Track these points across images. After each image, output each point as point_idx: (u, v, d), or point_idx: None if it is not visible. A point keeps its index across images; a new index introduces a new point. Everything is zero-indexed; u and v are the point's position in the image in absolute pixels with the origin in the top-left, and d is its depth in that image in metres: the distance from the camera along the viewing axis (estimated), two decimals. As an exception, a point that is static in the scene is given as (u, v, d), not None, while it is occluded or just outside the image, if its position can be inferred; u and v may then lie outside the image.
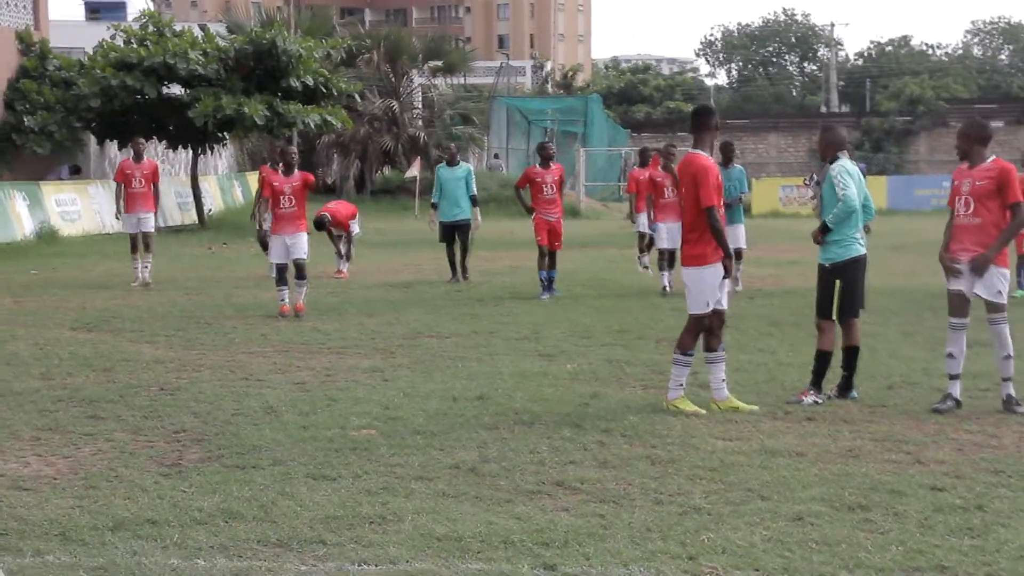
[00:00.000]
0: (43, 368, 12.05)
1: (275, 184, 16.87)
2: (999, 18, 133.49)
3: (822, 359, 10.52)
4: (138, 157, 21.17)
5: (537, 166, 19.69)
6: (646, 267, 22.35)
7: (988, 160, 10.27)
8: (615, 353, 13.29)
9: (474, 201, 21.49)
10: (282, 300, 16.61)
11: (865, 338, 14.08)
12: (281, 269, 16.81)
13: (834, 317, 10.56)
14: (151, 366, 12.27)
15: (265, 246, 22.02)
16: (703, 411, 9.91)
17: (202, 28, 36.74)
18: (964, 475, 7.95)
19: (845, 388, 10.62)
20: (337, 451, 8.63)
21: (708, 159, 10.14)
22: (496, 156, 58.56)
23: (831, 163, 10.66)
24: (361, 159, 48.91)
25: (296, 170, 17.00)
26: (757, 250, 25.44)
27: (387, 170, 51.07)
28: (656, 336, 14.55)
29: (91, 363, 12.35)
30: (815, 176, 10.99)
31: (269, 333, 14.79)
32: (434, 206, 21.50)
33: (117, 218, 21.66)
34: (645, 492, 7.59)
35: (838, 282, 10.51)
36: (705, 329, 10.18)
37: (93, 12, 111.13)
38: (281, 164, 17.26)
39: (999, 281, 10.15)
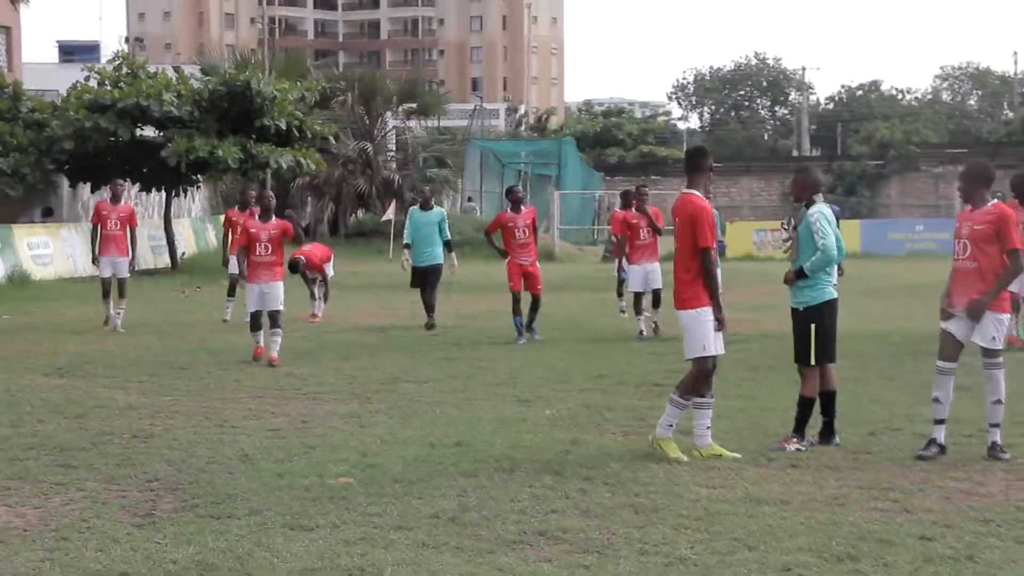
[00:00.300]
0: (13, 415, 11.83)
1: (252, 230, 16.40)
2: (967, 63, 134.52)
3: (805, 406, 10.40)
4: (115, 199, 20.79)
5: (508, 211, 19.50)
6: (623, 311, 22.22)
7: (989, 204, 10.13)
8: (594, 399, 13.15)
9: (448, 246, 21.22)
10: (257, 342, 16.36)
11: (845, 383, 14.04)
12: (256, 316, 16.43)
13: (812, 362, 10.43)
14: (124, 413, 12.07)
15: (233, 289, 21.93)
16: (685, 458, 9.76)
17: (176, 70, 36.59)
18: (953, 524, 7.83)
19: (828, 434, 10.50)
20: (314, 500, 8.46)
21: (704, 200, 10.02)
22: (470, 199, 58.54)
23: (807, 206, 10.50)
24: (335, 201, 48.81)
25: (273, 216, 16.58)
26: (732, 294, 25.32)
27: (361, 213, 50.97)
28: (636, 381, 14.43)
29: (63, 410, 12.14)
30: (792, 219, 10.78)
31: (243, 379, 14.60)
32: (407, 247, 21.16)
33: (94, 263, 21.12)
34: (629, 542, 7.44)
35: (813, 326, 10.34)
36: (711, 372, 9.99)
37: (67, 54, 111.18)
38: (257, 209, 16.89)
39: (994, 327, 10.00)
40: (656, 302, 19.69)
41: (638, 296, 19.60)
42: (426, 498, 8.54)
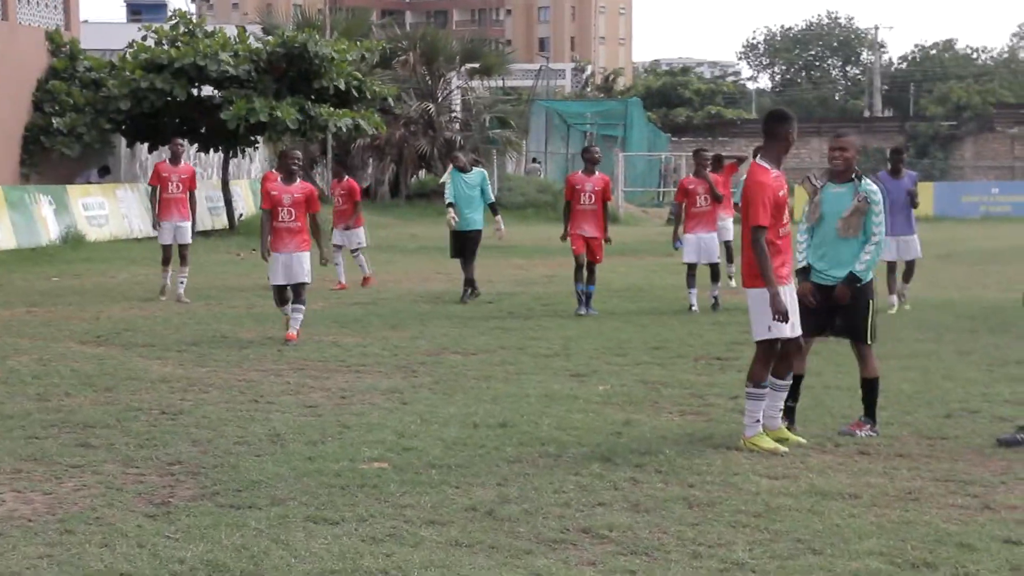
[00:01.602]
0: (40, 388, 11.32)
1: (273, 193, 14.71)
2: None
3: (873, 387, 9.59)
4: (175, 159, 19.44)
5: (580, 172, 18.02)
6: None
7: None
8: (651, 373, 12.47)
9: (494, 208, 19.74)
10: (286, 314, 14.84)
11: (917, 358, 13.31)
12: (281, 291, 14.77)
13: (871, 340, 9.58)
14: (156, 385, 11.54)
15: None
16: (784, 449, 8.91)
17: (238, 29, 36.05)
18: (1041, 525, 7.10)
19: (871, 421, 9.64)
20: (343, 488, 7.85)
21: (768, 173, 9.04)
22: (535, 160, 57.79)
23: (858, 179, 9.48)
24: (396, 163, 48.20)
25: (298, 179, 14.83)
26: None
27: (423, 174, 50.36)
28: (695, 354, 13.73)
29: (93, 382, 11.62)
30: (816, 177, 9.34)
31: (286, 349, 14.04)
32: (451, 205, 19.36)
33: (154, 227, 19.91)
34: (682, 542, 6.77)
35: (871, 302, 9.55)
36: (776, 356, 9.17)
37: (135, 13, 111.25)
38: (279, 170, 15.36)
39: None
40: (714, 275, 18.31)
41: (691, 268, 18.01)
42: (463, 487, 7.91)
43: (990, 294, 19.80)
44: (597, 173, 17.79)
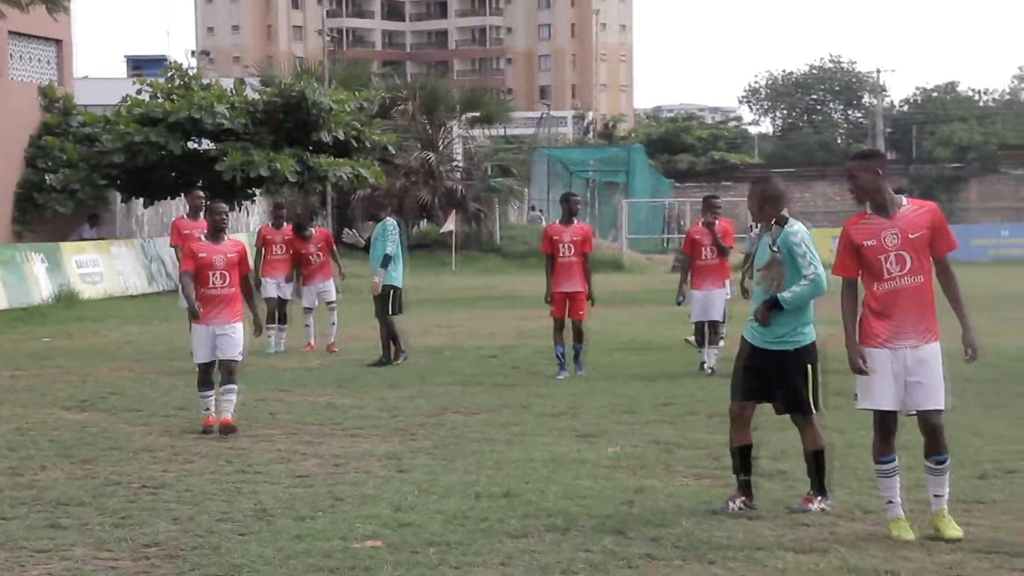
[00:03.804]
0: (15, 460, 10.62)
1: (201, 255, 12.34)
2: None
3: (821, 458, 8.67)
4: (195, 213, 17.55)
5: (557, 222, 16.64)
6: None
7: None
8: (662, 432, 11.83)
9: (384, 261, 17.65)
10: (207, 409, 12.20)
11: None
12: (206, 369, 12.35)
13: (817, 409, 8.70)
14: (138, 456, 10.87)
15: (275, 315, 19.08)
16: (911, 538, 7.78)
17: (236, 81, 35.68)
18: (1100, 606, 6.44)
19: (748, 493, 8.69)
20: (333, 571, 7.21)
21: (852, 221, 8.11)
22: (535, 208, 57.35)
23: (778, 224, 8.64)
24: (397, 213, 47.63)
25: (226, 236, 12.65)
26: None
27: (424, 224, 49.89)
28: (707, 410, 13.07)
29: (71, 452, 10.94)
30: (760, 225, 8.44)
31: (279, 411, 13.40)
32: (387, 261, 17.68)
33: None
34: (704, 632, 6.12)
35: (809, 367, 8.65)
36: (884, 431, 7.99)
37: (135, 68, 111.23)
38: (207, 223, 13.19)
39: None
40: (712, 337, 16.50)
41: (699, 326, 16.65)
42: (464, 568, 7.26)
43: (1010, 342, 19.14)
44: (576, 222, 16.40)
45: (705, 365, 16.49)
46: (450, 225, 42.19)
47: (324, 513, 8.64)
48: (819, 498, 8.59)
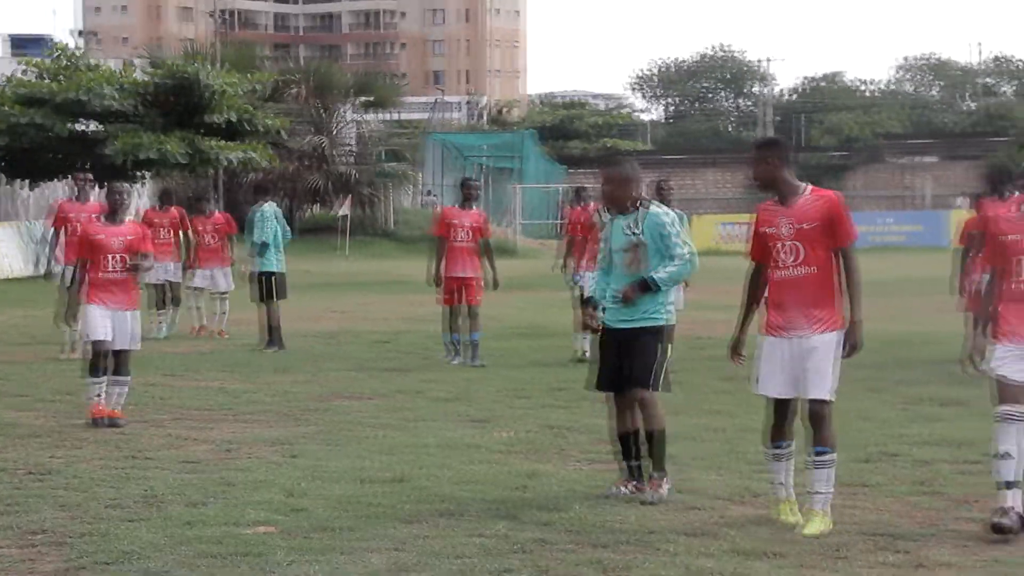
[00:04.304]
0: None
1: (97, 237, 11.73)
2: (928, 54, 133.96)
3: (662, 438, 8.65)
4: (83, 196, 17.03)
5: (455, 206, 16.52)
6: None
7: None
8: (554, 416, 11.90)
9: (260, 249, 17.69)
10: (96, 395, 11.55)
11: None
12: (100, 350, 11.63)
13: (660, 388, 8.63)
14: (25, 441, 10.68)
15: (161, 300, 18.91)
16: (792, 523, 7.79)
17: (125, 63, 35.15)
18: (979, 585, 6.61)
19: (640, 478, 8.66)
20: (224, 557, 7.13)
21: (760, 206, 8.09)
22: (430, 193, 57.28)
23: (640, 206, 8.55)
24: (289, 197, 47.32)
25: (126, 218, 12.12)
26: (698, 291, 24.17)
27: (316, 208, 49.57)
28: (599, 395, 13.12)
29: (-47, 439, 10.75)
30: (608, 209, 8.15)
31: (169, 396, 13.25)
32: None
33: (46, 278, 17.45)
34: (596, 615, 6.17)
35: (660, 346, 8.58)
36: (777, 417, 7.96)
37: (18, 48, 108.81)
38: (106, 205, 12.37)
39: None
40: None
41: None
42: (356, 553, 7.23)
43: (894, 327, 19.54)
44: (474, 208, 16.29)
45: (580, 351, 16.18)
46: (344, 210, 41.97)
47: (215, 499, 8.56)
48: (664, 479, 8.50)
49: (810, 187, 7.95)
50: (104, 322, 11.60)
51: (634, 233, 8.54)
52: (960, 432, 10.79)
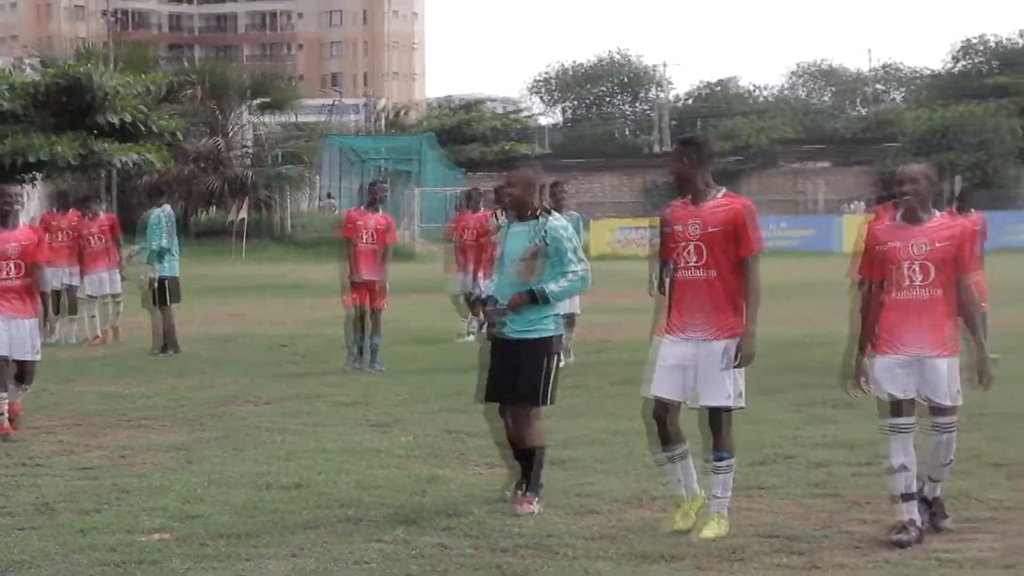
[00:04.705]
0: None
1: None
2: (820, 60, 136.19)
3: (541, 456, 8.53)
4: None
5: (361, 208, 16.16)
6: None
7: (938, 215, 7.79)
8: (454, 421, 11.89)
9: (159, 255, 17.54)
10: (0, 414, 11.12)
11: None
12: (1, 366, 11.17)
13: (549, 402, 8.49)
14: (-89, 449, 10.47)
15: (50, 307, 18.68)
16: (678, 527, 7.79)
17: (16, 62, 34.53)
18: (872, 586, 6.72)
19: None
20: (119, 566, 7.05)
21: (673, 203, 8.03)
22: (329, 196, 56.98)
23: (541, 214, 8.33)
24: (184, 199, 46.80)
25: (19, 222, 11.65)
26: (595, 295, 24.34)
27: (212, 211, 49.08)
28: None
29: None
30: (499, 217, 7.97)
31: (62, 401, 13.07)
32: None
33: None
34: (496, 619, 6.18)
35: (546, 360, 8.35)
36: (659, 420, 7.89)
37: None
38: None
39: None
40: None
41: (468, 296, 17.36)
42: (255, 560, 7.18)
43: (787, 330, 19.80)
44: (380, 211, 16.02)
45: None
46: (240, 214, 41.60)
47: (109, 506, 8.45)
48: (535, 497, 8.34)
49: (724, 191, 7.90)
50: (1, 335, 11.11)
51: (542, 239, 8.31)
52: (854, 434, 10.94)
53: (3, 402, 11.15)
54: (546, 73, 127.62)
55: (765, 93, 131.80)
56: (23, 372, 11.35)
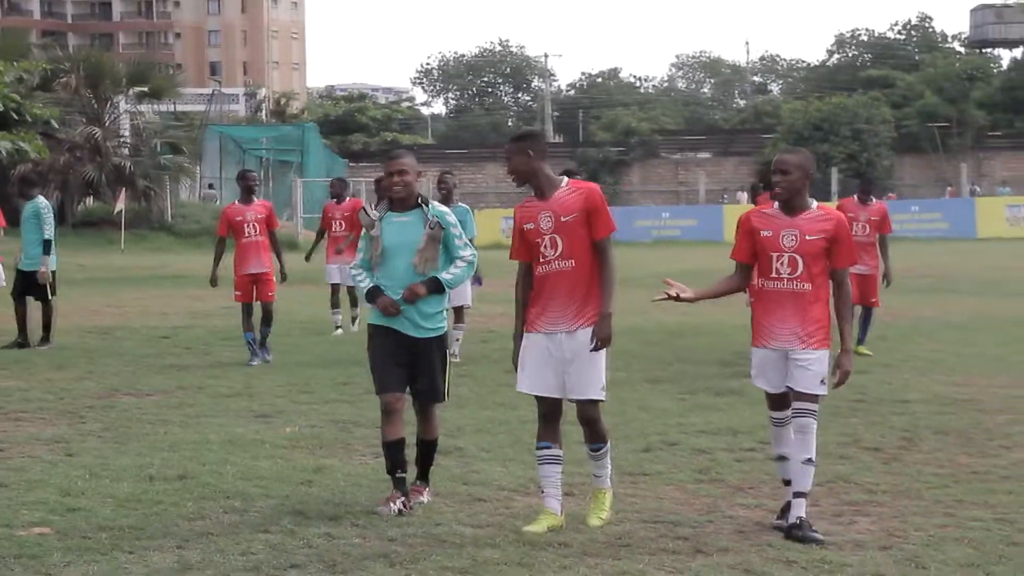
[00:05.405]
0: None
1: None
2: (701, 52, 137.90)
3: (435, 447, 8.56)
4: None
5: (237, 203, 15.79)
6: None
7: (814, 206, 7.80)
8: (339, 411, 11.85)
9: (45, 247, 16.83)
10: None
11: (610, 388, 13.07)
12: None
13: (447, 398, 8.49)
14: None
15: None
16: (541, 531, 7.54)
17: None
18: (754, 570, 6.81)
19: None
20: (-3, 561, 6.91)
21: (520, 204, 7.99)
22: (211, 186, 56.29)
23: (424, 204, 8.23)
24: (61, 189, 45.89)
25: None
26: (486, 285, 24.39)
27: (90, 201, 48.20)
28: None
29: None
30: (370, 211, 7.80)
31: (-64, 395, 12.75)
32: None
33: None
34: (384, 608, 6.17)
35: (441, 355, 8.33)
36: (541, 416, 7.83)
37: None
38: None
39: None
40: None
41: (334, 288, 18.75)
42: (138, 552, 7.08)
43: (671, 319, 20.02)
44: (257, 200, 15.74)
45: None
46: (120, 205, 40.92)
47: (-13, 501, 8.28)
48: (427, 489, 8.37)
49: (567, 180, 7.83)
50: None
51: (436, 225, 8.16)
52: (736, 421, 11.13)
53: None
54: (428, 64, 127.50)
55: (648, 84, 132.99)
56: None
